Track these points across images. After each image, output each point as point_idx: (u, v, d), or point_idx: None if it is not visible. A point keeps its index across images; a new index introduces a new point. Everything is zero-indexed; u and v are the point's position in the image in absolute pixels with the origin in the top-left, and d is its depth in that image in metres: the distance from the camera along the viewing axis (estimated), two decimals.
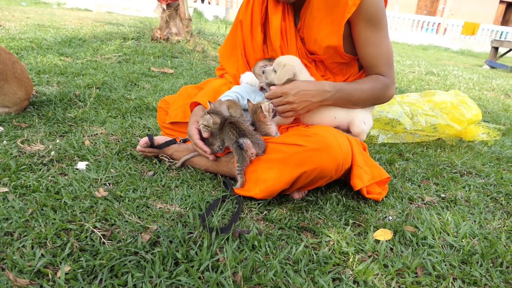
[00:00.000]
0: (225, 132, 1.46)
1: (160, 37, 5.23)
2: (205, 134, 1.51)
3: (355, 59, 1.60)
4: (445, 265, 1.17)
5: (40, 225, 1.14)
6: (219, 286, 0.98)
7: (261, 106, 1.47)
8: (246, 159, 1.41)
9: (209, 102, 1.50)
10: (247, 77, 1.69)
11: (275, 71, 1.46)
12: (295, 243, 1.21)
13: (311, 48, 1.59)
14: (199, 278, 1.01)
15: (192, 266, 1.04)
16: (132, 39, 5.15)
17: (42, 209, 1.23)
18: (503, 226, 1.45)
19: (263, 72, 1.53)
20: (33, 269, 0.97)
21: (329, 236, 1.26)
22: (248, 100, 1.55)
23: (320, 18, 1.50)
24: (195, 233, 1.18)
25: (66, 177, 1.46)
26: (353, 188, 1.45)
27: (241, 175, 1.43)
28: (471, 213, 1.54)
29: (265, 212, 1.37)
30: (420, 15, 17.63)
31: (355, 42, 1.53)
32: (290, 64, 1.45)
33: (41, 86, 2.63)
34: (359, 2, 1.40)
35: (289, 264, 1.11)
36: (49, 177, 1.44)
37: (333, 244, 1.23)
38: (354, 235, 1.29)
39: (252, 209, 1.39)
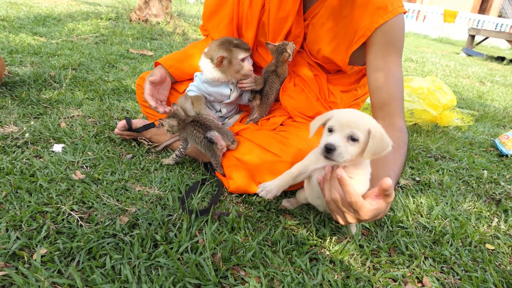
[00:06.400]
0: (188, 131, 1.44)
1: (139, 18, 5.10)
2: (170, 141, 1.64)
3: (355, 68, 1.49)
4: (417, 245, 1.22)
5: (15, 208, 1.12)
6: (198, 267, 0.99)
7: (286, 47, 1.44)
8: (218, 153, 1.39)
9: (173, 104, 1.47)
10: (208, 74, 1.49)
11: (353, 140, 0.94)
12: (274, 225, 1.23)
13: (313, 53, 1.50)
14: (178, 259, 1.02)
15: (171, 248, 1.04)
16: (109, 19, 5.00)
17: (17, 192, 1.20)
18: (473, 208, 1.52)
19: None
20: (8, 251, 0.95)
21: (307, 218, 1.29)
22: (267, 43, 1.48)
23: (328, 31, 1.40)
24: (175, 216, 1.19)
25: (41, 159, 1.43)
26: None
27: (219, 167, 1.43)
28: (443, 196, 1.59)
29: (244, 195, 1.38)
30: None
31: (368, 69, 1.35)
32: (386, 136, 0.95)
33: (13, 66, 2.54)
34: (369, 34, 1.29)
35: (268, 245, 1.13)
36: (24, 160, 1.40)
37: (311, 226, 1.25)
38: (332, 216, 1.32)
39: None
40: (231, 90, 1.54)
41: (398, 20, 1.28)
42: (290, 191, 1.44)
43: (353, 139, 0.93)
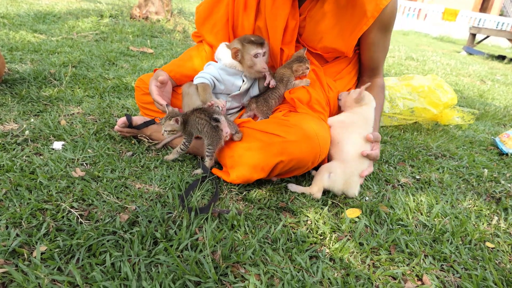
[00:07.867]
0: (191, 123, 1.43)
1: (139, 16, 5.09)
2: (169, 138, 1.63)
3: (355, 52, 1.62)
4: (417, 243, 1.22)
5: (15, 205, 1.12)
6: (198, 264, 0.99)
7: (307, 62, 1.50)
8: (220, 141, 1.38)
9: (167, 105, 1.46)
10: (227, 59, 1.52)
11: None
12: (274, 223, 1.23)
13: (312, 44, 1.55)
14: (178, 256, 1.02)
15: (171, 245, 1.04)
16: (110, 16, 4.99)
17: (17, 189, 1.20)
18: (473, 206, 1.51)
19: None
20: (8, 249, 0.95)
21: (307, 216, 1.29)
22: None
23: (330, 19, 1.46)
24: (174, 213, 1.19)
25: (41, 157, 1.43)
26: None
27: (210, 156, 1.42)
28: (443, 194, 1.59)
29: (244, 193, 1.39)
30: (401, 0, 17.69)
31: (365, 45, 1.56)
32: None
33: (13, 64, 2.53)
34: (377, 15, 1.41)
35: (268, 243, 1.13)
36: (24, 157, 1.40)
37: (311, 223, 1.25)
38: (332, 215, 1.32)
39: (232, 189, 1.40)
40: (243, 81, 1.56)
41: (395, 1, 1.47)
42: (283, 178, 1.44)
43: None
